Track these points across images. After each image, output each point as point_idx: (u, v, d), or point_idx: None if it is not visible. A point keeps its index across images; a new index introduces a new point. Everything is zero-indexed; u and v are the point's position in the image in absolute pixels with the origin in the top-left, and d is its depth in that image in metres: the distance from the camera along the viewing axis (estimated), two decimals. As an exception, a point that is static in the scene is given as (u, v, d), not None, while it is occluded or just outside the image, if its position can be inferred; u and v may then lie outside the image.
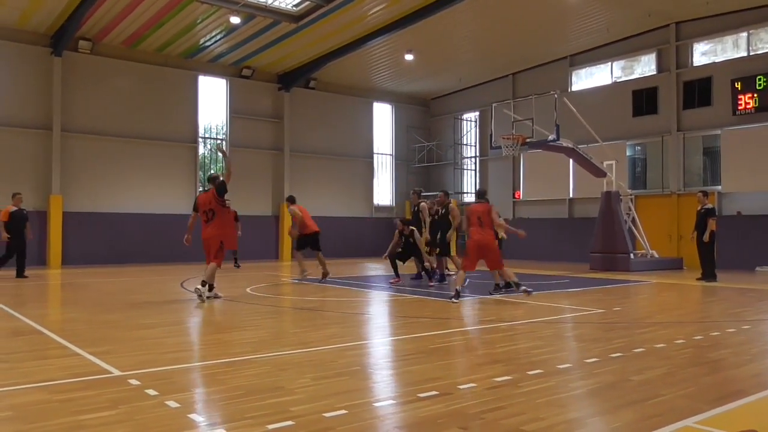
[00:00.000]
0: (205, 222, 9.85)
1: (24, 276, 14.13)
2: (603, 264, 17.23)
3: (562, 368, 5.14)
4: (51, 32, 18.80)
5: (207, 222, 9.83)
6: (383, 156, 27.22)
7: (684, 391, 4.40)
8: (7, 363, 5.38)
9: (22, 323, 7.57)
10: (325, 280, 13.24)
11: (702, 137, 19.81)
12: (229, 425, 3.63)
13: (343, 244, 23.65)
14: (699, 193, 14.19)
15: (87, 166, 19.66)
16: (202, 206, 9.87)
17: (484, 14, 19.29)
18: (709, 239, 13.62)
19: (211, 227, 9.80)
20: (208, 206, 9.81)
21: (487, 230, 9.96)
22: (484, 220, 9.95)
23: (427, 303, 9.84)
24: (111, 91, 20.13)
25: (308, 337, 6.86)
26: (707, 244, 13.71)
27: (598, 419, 3.90)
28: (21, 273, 14.19)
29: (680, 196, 19.72)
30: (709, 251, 13.86)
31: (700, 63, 19.71)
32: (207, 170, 22.86)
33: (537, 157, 22.99)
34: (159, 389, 4.37)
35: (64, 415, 3.82)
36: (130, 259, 20.02)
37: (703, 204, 13.93)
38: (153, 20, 18.39)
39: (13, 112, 18.55)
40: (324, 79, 24.46)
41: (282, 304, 10.05)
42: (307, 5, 18.14)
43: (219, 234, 9.78)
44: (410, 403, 4.12)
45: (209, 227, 9.82)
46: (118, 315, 8.37)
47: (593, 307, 9.20)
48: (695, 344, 6.23)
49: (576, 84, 22.92)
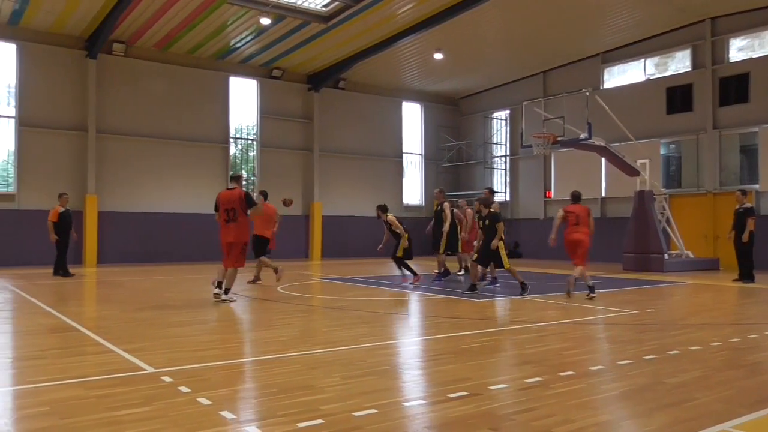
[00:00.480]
0: (224, 221, 9.53)
1: (60, 275, 14.44)
2: (636, 264, 16.95)
3: (594, 370, 5.07)
4: (86, 35, 19.21)
5: (227, 222, 9.52)
6: (412, 155, 27.18)
7: (720, 394, 4.31)
8: (45, 359, 5.51)
9: (60, 320, 7.75)
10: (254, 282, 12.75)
11: (739, 135, 19.36)
12: (260, 423, 3.67)
13: (373, 243, 23.58)
14: (737, 192, 13.87)
15: (121, 166, 20.05)
16: (224, 204, 9.54)
17: (514, 12, 19.13)
18: (747, 239, 13.32)
19: (233, 230, 9.47)
20: (230, 205, 9.47)
21: (582, 228, 10.64)
22: (582, 221, 10.66)
23: (458, 303, 9.80)
24: (144, 92, 20.49)
25: (338, 336, 6.88)
26: (745, 245, 13.40)
27: (630, 422, 3.84)
28: (59, 271, 14.50)
29: (716, 195, 19.28)
30: (747, 251, 13.54)
31: (737, 59, 19.26)
32: (238, 170, 23.12)
33: (568, 156, 22.72)
34: (191, 386, 4.43)
35: (100, 410, 3.89)
36: (162, 257, 20.35)
37: (742, 203, 13.62)
38: (185, 22, 18.66)
39: (50, 114, 19.01)
40: (353, 79, 24.54)
41: (312, 303, 10.10)
42: (336, 5, 18.22)
43: (243, 238, 9.56)
44: (440, 403, 4.10)
45: (231, 229, 9.48)
46: (151, 313, 8.51)
47: (626, 308, 9.06)
48: (732, 347, 6.10)
49: (608, 81, 22.58)
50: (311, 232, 23.46)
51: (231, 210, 9.45)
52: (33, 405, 4.07)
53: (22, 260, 17.94)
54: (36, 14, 17.72)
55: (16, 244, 18.21)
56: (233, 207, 9.45)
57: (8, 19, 17.99)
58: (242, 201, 9.46)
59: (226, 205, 9.51)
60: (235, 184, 9.79)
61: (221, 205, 9.59)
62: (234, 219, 9.46)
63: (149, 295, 10.88)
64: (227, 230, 9.53)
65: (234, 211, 9.44)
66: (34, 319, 7.90)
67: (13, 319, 8.19)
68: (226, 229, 9.54)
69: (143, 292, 11.41)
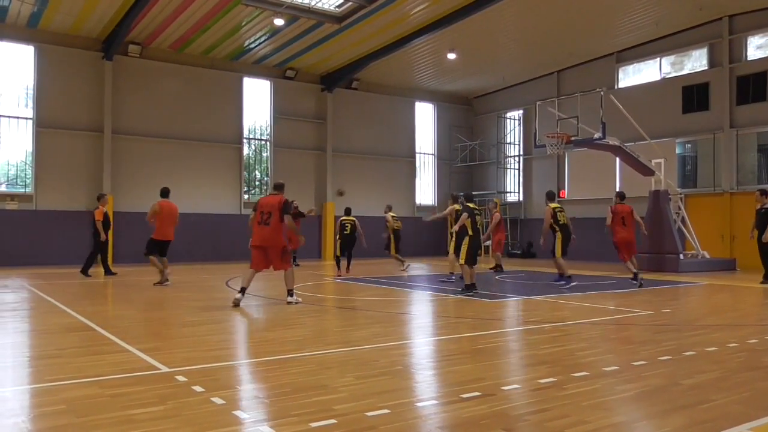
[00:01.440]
0: (258, 223, 9.59)
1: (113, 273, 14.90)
2: (651, 265, 16.80)
3: (609, 371, 5.03)
4: (102, 37, 19.40)
5: (260, 223, 9.57)
6: (425, 155, 27.15)
7: (737, 396, 4.26)
8: (61, 358, 5.56)
9: (75, 320, 7.82)
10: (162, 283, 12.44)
11: (757, 134, 19.13)
12: (273, 422, 3.68)
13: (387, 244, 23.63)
14: (757, 192, 13.74)
15: (136, 166, 20.21)
16: (262, 207, 9.66)
17: (528, 11, 19.04)
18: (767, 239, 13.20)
19: (266, 232, 9.51)
20: (268, 209, 9.60)
21: (629, 228, 12.21)
22: (627, 220, 12.22)
23: (471, 303, 9.77)
24: (159, 93, 20.65)
25: (351, 336, 6.89)
26: (765, 245, 13.28)
27: (645, 423, 3.80)
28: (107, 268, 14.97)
29: (733, 195, 19.08)
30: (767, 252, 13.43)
31: (755, 57, 19.04)
32: (251, 171, 23.23)
33: (582, 156, 22.58)
34: (205, 386, 4.45)
35: (115, 409, 3.92)
36: (176, 257, 20.38)
37: (763, 203, 13.48)
38: (199, 24, 18.77)
39: (66, 116, 19.21)
40: (366, 79, 24.55)
41: (325, 303, 10.12)
42: (349, 6, 18.24)
43: (278, 242, 9.59)
44: (453, 403, 4.09)
45: (264, 232, 9.51)
46: (165, 313, 8.57)
47: (641, 308, 8.98)
48: (749, 348, 6.02)
49: (623, 81, 22.42)
50: (324, 232, 23.50)
51: (267, 213, 9.60)
52: (49, 403, 4.11)
53: (39, 260, 18.14)
54: (54, 16, 17.92)
55: (34, 244, 18.42)
56: (270, 211, 9.59)
57: (27, 22, 18.21)
58: (280, 207, 9.59)
59: (264, 208, 9.68)
60: (277, 191, 9.96)
61: (259, 208, 9.72)
62: (267, 222, 9.54)
63: (163, 295, 10.95)
64: (260, 232, 9.59)
65: (270, 215, 9.58)
66: (51, 319, 7.98)
67: (31, 318, 8.28)
68: (260, 232, 9.60)
69: (158, 292, 11.48)
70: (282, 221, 9.53)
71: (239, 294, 9.27)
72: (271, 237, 9.48)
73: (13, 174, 19.05)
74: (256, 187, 23.35)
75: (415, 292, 11.78)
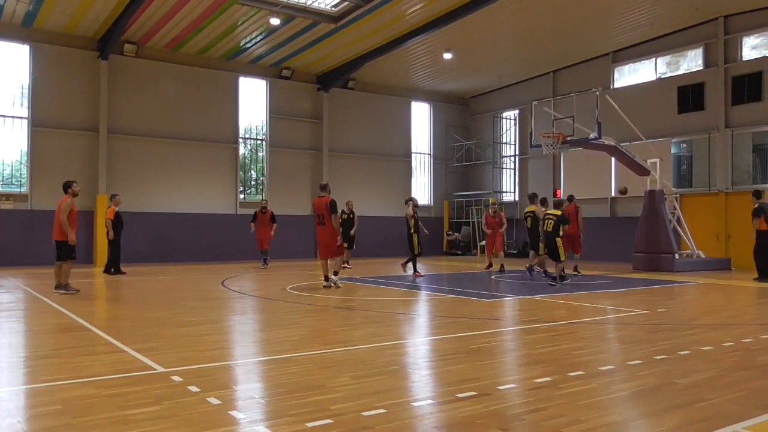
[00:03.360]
0: (317, 224, 11.57)
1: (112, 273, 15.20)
2: (646, 264, 16.86)
3: (604, 370, 5.05)
4: (98, 37, 19.34)
5: (318, 224, 11.55)
6: (421, 155, 27.16)
7: (732, 395, 4.28)
8: (57, 358, 5.55)
9: (71, 320, 7.80)
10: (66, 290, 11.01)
11: (752, 134, 19.19)
12: (269, 422, 3.68)
13: (383, 243, 23.69)
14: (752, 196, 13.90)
15: (132, 166, 20.16)
16: (316, 209, 11.63)
17: (524, 11, 19.06)
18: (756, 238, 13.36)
19: (323, 232, 11.47)
20: (320, 211, 11.45)
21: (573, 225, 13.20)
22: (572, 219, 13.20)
23: (468, 303, 9.78)
24: (155, 93, 20.59)
25: (347, 336, 6.89)
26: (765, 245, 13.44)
27: (641, 423, 3.82)
28: (110, 269, 15.27)
29: (728, 195, 19.13)
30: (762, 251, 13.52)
31: (750, 57, 19.09)
32: (247, 170, 23.20)
33: (578, 156, 22.60)
34: (201, 386, 4.45)
35: (111, 409, 3.92)
36: (173, 257, 20.45)
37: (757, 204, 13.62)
38: (195, 23, 18.74)
39: (62, 115, 19.15)
40: (362, 79, 24.55)
41: (321, 302, 10.12)
42: (345, 5, 18.23)
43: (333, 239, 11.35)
44: (449, 403, 4.10)
45: (322, 231, 11.51)
46: (161, 313, 8.55)
47: (637, 308, 9.00)
48: (744, 347, 6.05)
49: (618, 81, 22.46)
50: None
51: (320, 215, 11.47)
52: (45, 404, 4.10)
53: (34, 260, 18.06)
54: (49, 16, 17.85)
55: (29, 244, 18.36)
56: (322, 213, 11.42)
57: (22, 21, 18.15)
58: (328, 207, 11.36)
59: (318, 210, 11.57)
60: (323, 192, 11.65)
61: (315, 209, 11.71)
62: (322, 223, 11.45)
63: (159, 295, 10.93)
64: (320, 231, 11.60)
65: (322, 216, 11.42)
66: (47, 319, 7.97)
67: (26, 318, 8.27)
68: (320, 231, 11.60)
69: (153, 292, 11.46)
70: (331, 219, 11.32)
71: (324, 281, 11.52)
72: (327, 235, 11.40)
73: (8, 174, 18.99)
74: (252, 186, 23.32)
75: (412, 292, 11.78)
